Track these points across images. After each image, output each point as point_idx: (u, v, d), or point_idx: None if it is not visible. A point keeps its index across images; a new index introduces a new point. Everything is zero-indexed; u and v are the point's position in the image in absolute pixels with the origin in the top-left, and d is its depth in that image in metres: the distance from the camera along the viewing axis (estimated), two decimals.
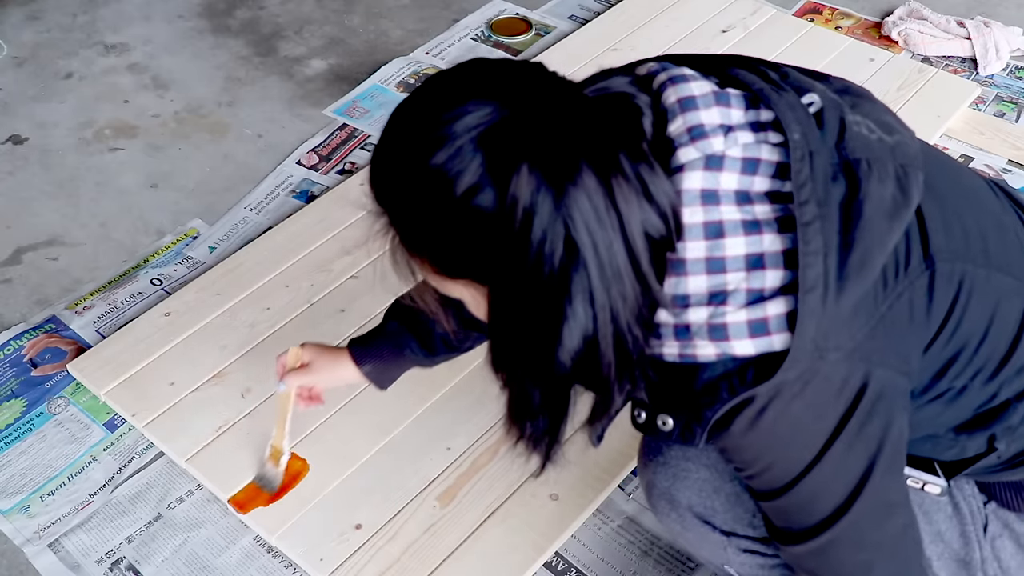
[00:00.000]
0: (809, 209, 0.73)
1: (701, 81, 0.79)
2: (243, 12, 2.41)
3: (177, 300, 1.60)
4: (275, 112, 2.09)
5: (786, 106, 0.77)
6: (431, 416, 1.40)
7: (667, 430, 0.81)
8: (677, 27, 2.19)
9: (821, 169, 0.75)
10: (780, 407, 0.76)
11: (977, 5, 2.31)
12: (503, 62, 0.77)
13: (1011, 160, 1.87)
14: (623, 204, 0.70)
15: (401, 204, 0.77)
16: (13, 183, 1.92)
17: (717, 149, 0.75)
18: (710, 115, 0.76)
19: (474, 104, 0.71)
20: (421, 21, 2.36)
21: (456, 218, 0.72)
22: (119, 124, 2.07)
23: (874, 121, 0.80)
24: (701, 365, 0.76)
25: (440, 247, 0.76)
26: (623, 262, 0.71)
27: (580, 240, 0.69)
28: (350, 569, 1.23)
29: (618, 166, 0.70)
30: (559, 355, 0.72)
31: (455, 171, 0.70)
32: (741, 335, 0.74)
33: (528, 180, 0.68)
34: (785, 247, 0.74)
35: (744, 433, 0.78)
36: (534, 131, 0.70)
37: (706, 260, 0.75)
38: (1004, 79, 2.08)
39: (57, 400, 1.49)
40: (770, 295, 0.74)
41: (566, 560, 1.26)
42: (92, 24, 2.36)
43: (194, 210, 1.84)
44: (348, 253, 1.66)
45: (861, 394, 0.77)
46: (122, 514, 1.34)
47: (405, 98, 0.78)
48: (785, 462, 0.80)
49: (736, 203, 0.75)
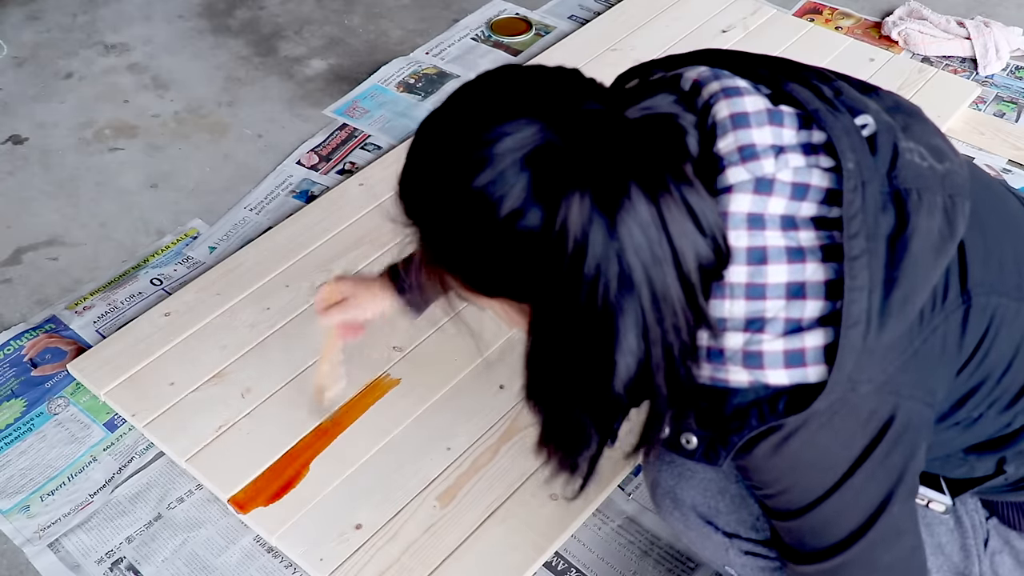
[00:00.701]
0: (858, 243, 0.71)
1: (755, 96, 0.76)
2: (243, 12, 2.41)
3: (177, 300, 1.60)
4: (275, 112, 2.09)
5: (841, 130, 0.74)
6: (431, 416, 1.40)
7: (690, 448, 0.80)
8: (677, 27, 2.19)
9: (872, 199, 0.73)
10: (806, 436, 0.76)
11: (977, 5, 2.31)
12: (537, 71, 0.74)
13: (1011, 160, 1.87)
14: (676, 233, 0.68)
15: (437, 224, 0.74)
16: (13, 183, 1.92)
17: (768, 171, 0.73)
18: (762, 134, 0.74)
19: (515, 124, 0.68)
20: (421, 21, 2.36)
21: (498, 240, 0.70)
22: (119, 124, 2.07)
23: (925, 146, 0.78)
24: (732, 390, 0.75)
25: (478, 268, 0.74)
26: (676, 293, 0.69)
27: (634, 270, 0.67)
28: (350, 569, 1.23)
29: (668, 191, 0.68)
30: (614, 383, 0.71)
31: (499, 194, 0.68)
32: (776, 365, 0.73)
33: (579, 207, 0.66)
34: (827, 277, 0.73)
35: (767, 457, 0.78)
36: (582, 155, 0.67)
37: (746, 286, 0.73)
38: (1004, 79, 2.08)
39: (57, 400, 1.49)
40: (808, 326, 0.73)
41: (566, 560, 1.26)
42: (92, 24, 2.36)
43: (194, 210, 1.84)
44: (359, 245, 1.66)
45: (888, 426, 0.76)
46: (122, 514, 1.34)
47: (436, 111, 0.75)
48: (805, 486, 0.80)
49: (781, 228, 0.74)
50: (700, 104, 0.77)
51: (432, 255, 0.76)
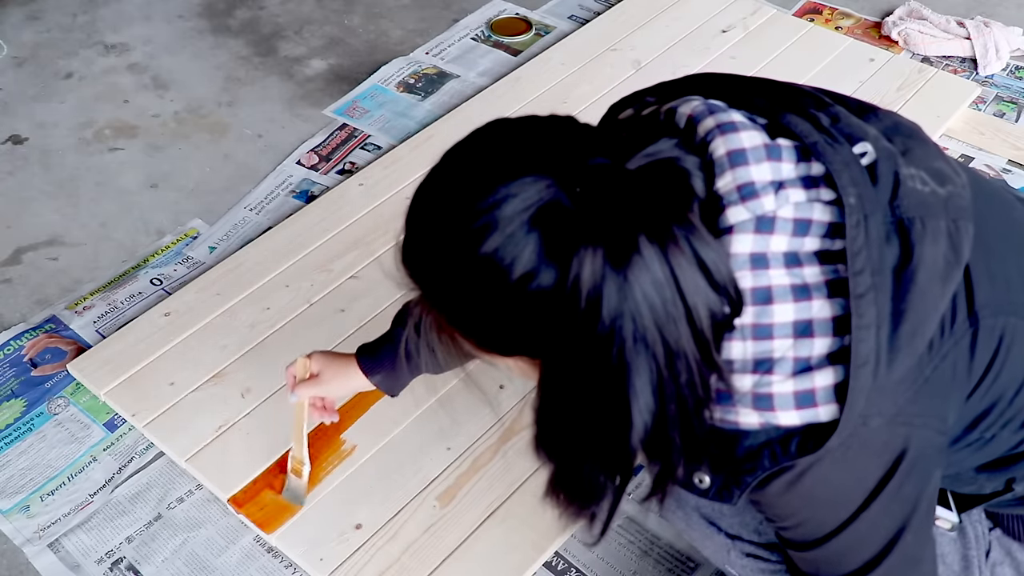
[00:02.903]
0: (863, 280, 0.70)
1: (751, 131, 0.75)
2: (243, 12, 2.41)
3: (177, 300, 1.60)
4: (275, 112, 2.09)
5: (841, 163, 0.73)
6: (431, 416, 1.40)
7: (703, 488, 0.79)
8: (677, 27, 2.19)
9: (876, 233, 0.72)
10: (820, 473, 0.75)
11: (977, 5, 2.31)
12: (531, 123, 0.72)
13: (1011, 160, 1.87)
14: (688, 289, 0.67)
15: (446, 291, 0.72)
16: (13, 183, 1.92)
17: (768, 209, 0.72)
18: (760, 171, 0.73)
19: (518, 183, 0.66)
20: (421, 21, 2.36)
21: (511, 303, 0.68)
22: (119, 124, 2.07)
23: (926, 170, 0.77)
24: (742, 432, 0.75)
25: (492, 330, 0.72)
26: (691, 349, 0.68)
27: (648, 330, 0.66)
28: (350, 569, 1.23)
29: (676, 242, 0.66)
30: (631, 439, 0.70)
31: (509, 258, 0.66)
32: (787, 406, 0.72)
33: (591, 264, 0.65)
34: (834, 314, 0.72)
35: (781, 494, 0.77)
36: (590, 211, 0.66)
37: (752, 327, 0.72)
38: (1004, 79, 2.08)
39: (57, 400, 1.49)
40: (817, 364, 0.72)
41: (566, 560, 1.26)
42: (92, 24, 2.36)
43: (194, 210, 1.84)
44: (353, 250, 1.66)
45: (901, 457, 0.76)
46: (122, 514, 1.34)
47: (432, 175, 0.73)
48: (820, 520, 0.79)
49: (785, 266, 0.73)
50: (697, 141, 0.76)
51: (443, 318, 0.74)
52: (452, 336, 0.75)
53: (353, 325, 1.54)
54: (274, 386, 1.45)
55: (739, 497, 0.77)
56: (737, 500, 0.78)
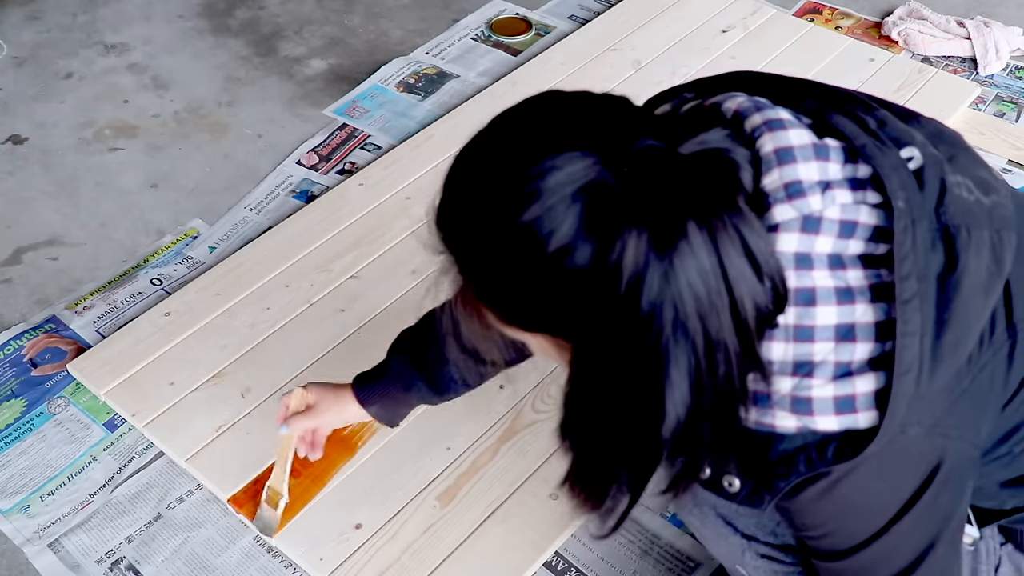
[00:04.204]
0: (910, 286, 0.69)
1: (799, 129, 0.73)
2: (243, 12, 2.41)
3: (177, 300, 1.60)
4: (275, 112, 2.09)
5: (890, 167, 0.72)
6: (431, 416, 1.40)
7: (733, 491, 0.78)
8: (677, 27, 2.19)
9: (922, 238, 0.71)
10: (856, 481, 0.74)
11: (977, 5, 2.31)
12: (583, 98, 0.71)
13: (1011, 160, 1.87)
14: (735, 278, 0.65)
15: (479, 257, 0.70)
16: (13, 183, 1.92)
17: (815, 209, 0.71)
18: (808, 170, 0.72)
19: (566, 157, 0.65)
20: (421, 21, 2.36)
21: (544, 277, 0.66)
22: (119, 124, 2.07)
23: (972, 179, 0.76)
24: (778, 435, 0.73)
25: (520, 302, 0.70)
26: (732, 342, 0.66)
27: (689, 318, 0.64)
28: (350, 569, 1.23)
29: (726, 229, 0.65)
30: (663, 430, 0.67)
31: (548, 229, 0.64)
32: (826, 411, 0.71)
33: (635, 246, 0.63)
34: (877, 319, 0.71)
35: (814, 501, 0.76)
36: (638, 192, 0.64)
37: (795, 328, 0.71)
38: (1004, 79, 2.08)
39: (57, 400, 1.49)
40: (858, 369, 0.71)
41: (566, 560, 1.26)
42: (92, 24, 2.36)
43: (194, 210, 1.84)
44: (354, 249, 1.66)
45: (937, 469, 0.75)
46: (122, 514, 1.34)
47: (478, 138, 0.71)
48: (852, 530, 0.78)
49: (829, 267, 0.71)
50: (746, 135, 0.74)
51: (470, 287, 0.73)
52: (477, 310, 0.74)
53: (353, 325, 1.54)
54: (274, 386, 1.45)
55: (769, 503, 0.76)
56: (767, 506, 0.76)
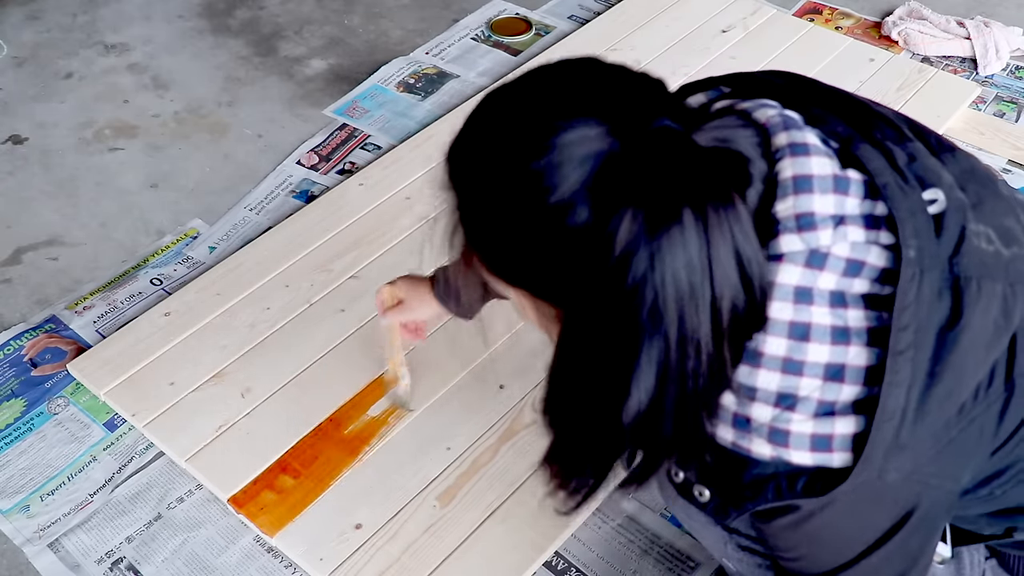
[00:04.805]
0: (905, 337, 0.69)
1: (822, 157, 0.72)
2: (243, 12, 2.41)
3: (177, 300, 1.60)
4: (275, 112, 2.09)
5: (907, 211, 0.71)
6: (431, 416, 1.40)
7: (703, 501, 0.79)
8: (677, 27, 2.19)
9: (928, 289, 0.70)
10: (828, 517, 0.75)
11: (977, 5, 2.31)
12: (621, 72, 0.71)
13: (1011, 160, 1.87)
14: (719, 276, 0.65)
15: (480, 195, 0.71)
16: (13, 183, 1.92)
17: (823, 244, 0.71)
18: (824, 203, 0.71)
19: (588, 122, 0.66)
20: (421, 21, 2.36)
21: (538, 229, 0.67)
22: (119, 124, 2.07)
23: (995, 228, 0.75)
24: (752, 460, 0.74)
25: (510, 252, 0.71)
26: (705, 338, 0.66)
27: (667, 305, 0.64)
28: (350, 569, 1.23)
29: (719, 226, 0.65)
30: (624, 414, 0.68)
31: (553, 181, 0.65)
32: (802, 446, 0.72)
33: (630, 225, 0.63)
34: (869, 363, 0.70)
35: (785, 529, 0.77)
36: (643, 171, 0.65)
37: (783, 359, 0.71)
38: (1004, 79, 2.08)
39: (57, 400, 1.49)
40: (841, 411, 0.71)
41: (566, 560, 1.26)
42: (92, 24, 2.36)
43: (194, 210, 1.84)
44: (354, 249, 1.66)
45: (911, 513, 0.75)
46: (122, 514, 1.34)
47: (509, 84, 0.72)
48: (820, 558, 0.79)
49: (829, 305, 0.71)
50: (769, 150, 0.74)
51: (465, 229, 0.73)
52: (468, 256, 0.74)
53: (353, 325, 1.54)
54: (274, 386, 1.45)
55: (735, 519, 0.77)
56: (732, 521, 0.77)
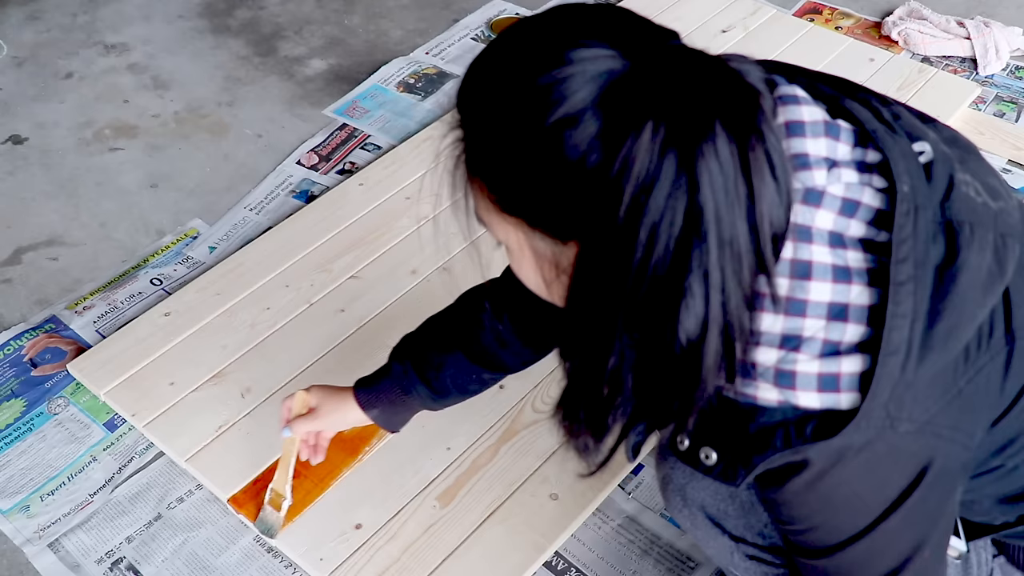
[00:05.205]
0: (905, 269, 0.69)
1: (812, 106, 0.74)
2: (243, 12, 2.41)
3: (177, 300, 1.60)
4: (275, 112, 2.09)
5: (899, 153, 0.72)
6: (431, 416, 1.40)
7: (709, 464, 0.76)
8: (677, 27, 2.13)
9: (924, 227, 0.71)
10: (841, 474, 0.73)
11: (977, 5, 2.31)
12: (635, 14, 0.72)
13: (1011, 160, 1.87)
14: (757, 180, 0.63)
15: (485, 113, 0.70)
16: (13, 183, 1.92)
17: (818, 183, 0.71)
18: (816, 145, 0.72)
19: (599, 45, 0.66)
20: (421, 21, 2.36)
21: (544, 144, 0.65)
22: (119, 124, 2.07)
23: (981, 183, 0.76)
24: (759, 408, 0.72)
25: (511, 173, 0.69)
26: (745, 243, 0.64)
27: (705, 210, 0.62)
28: (350, 569, 1.23)
29: (758, 134, 0.63)
30: (678, 338, 0.65)
31: (561, 95, 0.64)
32: (809, 387, 0.70)
33: (650, 138, 0.61)
34: (871, 302, 0.70)
35: (800, 493, 0.75)
36: (664, 84, 0.63)
37: (786, 300, 0.70)
38: (1004, 79, 2.08)
39: (57, 400, 1.49)
40: (846, 350, 0.70)
41: (566, 560, 1.26)
42: (92, 24, 2.37)
43: (194, 210, 1.85)
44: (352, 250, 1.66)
45: (926, 469, 0.74)
46: (122, 514, 1.34)
47: (524, 18, 0.72)
48: (836, 525, 0.77)
49: (829, 245, 0.71)
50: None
51: (468, 154, 0.72)
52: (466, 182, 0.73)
53: (353, 325, 1.54)
54: (274, 386, 1.45)
55: (744, 479, 0.74)
56: (741, 482, 0.74)
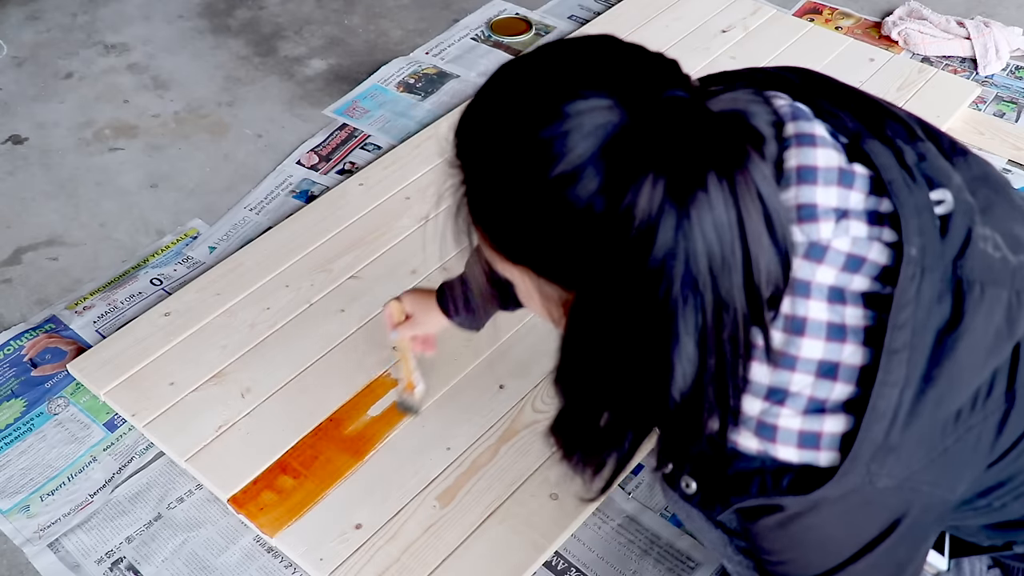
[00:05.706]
0: (902, 336, 0.68)
1: (829, 150, 0.71)
2: (243, 12, 2.41)
3: (177, 300, 1.60)
4: (275, 112, 2.09)
5: (913, 208, 0.70)
6: (431, 416, 1.40)
7: (689, 492, 0.78)
8: (677, 27, 2.19)
9: (929, 290, 0.69)
10: (815, 520, 0.74)
11: (977, 5, 2.31)
12: (635, 50, 0.69)
13: (1011, 160, 1.87)
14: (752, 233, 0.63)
15: (485, 164, 0.69)
16: (13, 183, 1.92)
17: (823, 237, 0.70)
18: (827, 195, 0.70)
19: (598, 96, 0.64)
20: (421, 21, 2.36)
21: (544, 199, 0.64)
22: (119, 124, 2.07)
23: (1003, 234, 0.74)
24: (738, 453, 0.73)
25: (511, 225, 0.68)
26: (740, 301, 0.64)
27: (700, 273, 0.62)
28: (350, 569, 1.23)
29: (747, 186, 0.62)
30: (671, 389, 0.65)
31: (561, 149, 0.63)
32: (789, 442, 0.70)
33: (651, 192, 0.61)
34: (864, 363, 0.69)
35: (771, 529, 0.76)
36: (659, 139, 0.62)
37: (778, 354, 0.70)
38: (1004, 79, 2.08)
39: (57, 400, 1.49)
40: (832, 408, 0.70)
41: (566, 560, 1.26)
42: (92, 24, 2.36)
43: (194, 210, 1.84)
44: (352, 250, 1.66)
45: (900, 520, 0.74)
46: (122, 514, 1.34)
47: (524, 57, 0.70)
48: (806, 562, 0.78)
49: (827, 300, 0.70)
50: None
51: (470, 202, 0.71)
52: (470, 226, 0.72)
53: (353, 325, 1.54)
54: (274, 386, 1.45)
55: (720, 513, 0.76)
56: (718, 515, 0.76)
